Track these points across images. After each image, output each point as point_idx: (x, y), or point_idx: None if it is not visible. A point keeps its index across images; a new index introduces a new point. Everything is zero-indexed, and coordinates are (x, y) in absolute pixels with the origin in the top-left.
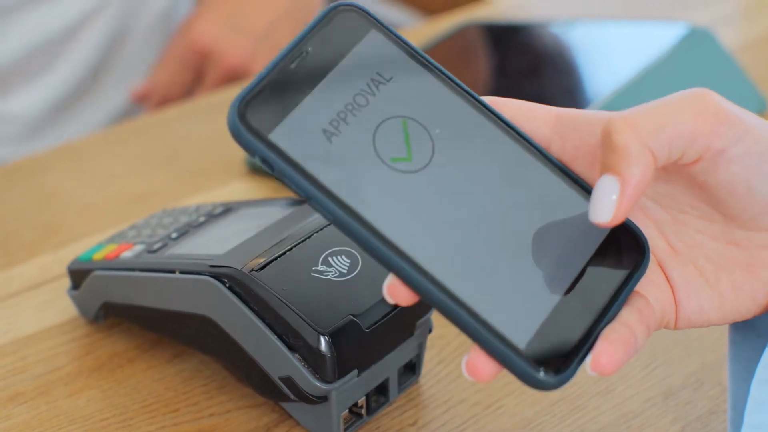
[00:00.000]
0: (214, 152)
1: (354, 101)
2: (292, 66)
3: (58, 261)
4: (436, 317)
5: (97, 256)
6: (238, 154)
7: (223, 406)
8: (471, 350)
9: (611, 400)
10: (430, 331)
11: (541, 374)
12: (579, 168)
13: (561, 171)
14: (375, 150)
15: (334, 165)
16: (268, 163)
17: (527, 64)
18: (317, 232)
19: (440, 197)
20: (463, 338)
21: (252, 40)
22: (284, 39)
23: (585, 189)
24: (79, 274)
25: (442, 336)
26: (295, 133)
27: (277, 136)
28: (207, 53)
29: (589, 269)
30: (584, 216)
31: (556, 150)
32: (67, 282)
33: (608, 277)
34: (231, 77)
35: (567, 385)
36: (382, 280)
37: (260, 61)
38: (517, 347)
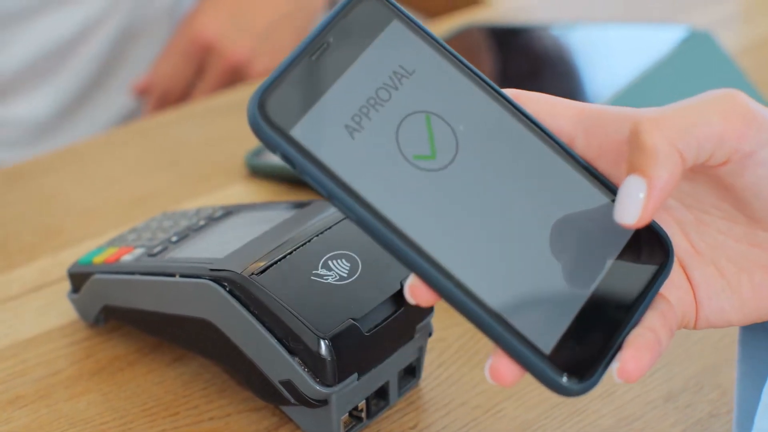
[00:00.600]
0: (214, 155)
1: (377, 95)
2: (313, 58)
3: (58, 264)
4: (435, 321)
5: (97, 259)
6: (239, 156)
7: (223, 410)
8: (493, 354)
9: (612, 403)
10: (430, 334)
11: (564, 380)
12: (603, 166)
13: (585, 170)
14: (398, 147)
15: (357, 163)
16: (290, 161)
17: (528, 67)
18: (317, 235)
19: (463, 196)
20: (464, 342)
21: (253, 38)
22: (285, 39)
23: (610, 189)
24: (79, 278)
25: (442, 339)
26: (317, 129)
27: (298, 133)
28: (209, 48)
29: (613, 271)
30: (609, 216)
31: (580, 147)
32: (67, 285)
33: (632, 279)
34: (231, 74)
35: None
36: (382, 284)
37: (260, 60)
38: (542, 351)
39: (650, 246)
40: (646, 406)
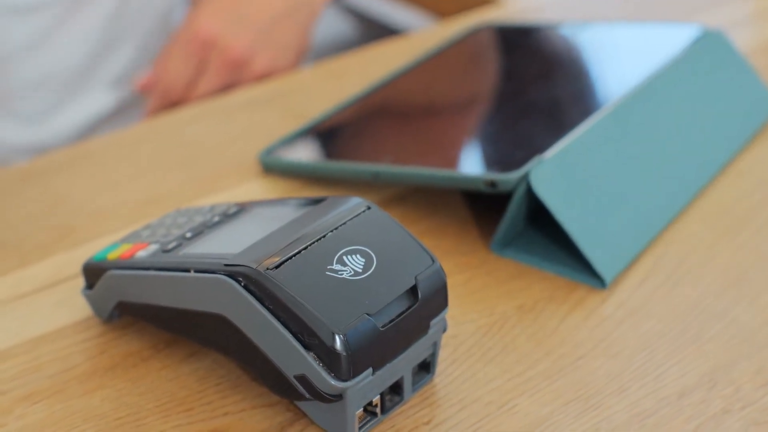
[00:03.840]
0: (227, 153)
1: None
2: None
3: (71, 261)
4: (449, 317)
5: (112, 255)
6: (252, 154)
7: (238, 405)
8: None
9: (625, 399)
10: (444, 330)
11: None
12: None
13: None
14: None
15: None
16: None
17: (539, 67)
18: (332, 231)
19: None
20: (477, 338)
21: (254, 33)
22: (286, 35)
23: None
24: (93, 274)
25: (455, 336)
26: None
27: None
28: (210, 44)
29: None
30: None
31: None
32: (80, 282)
33: None
34: (233, 69)
35: (581, 384)
36: (397, 279)
37: (262, 55)
38: None
39: None
40: (660, 402)
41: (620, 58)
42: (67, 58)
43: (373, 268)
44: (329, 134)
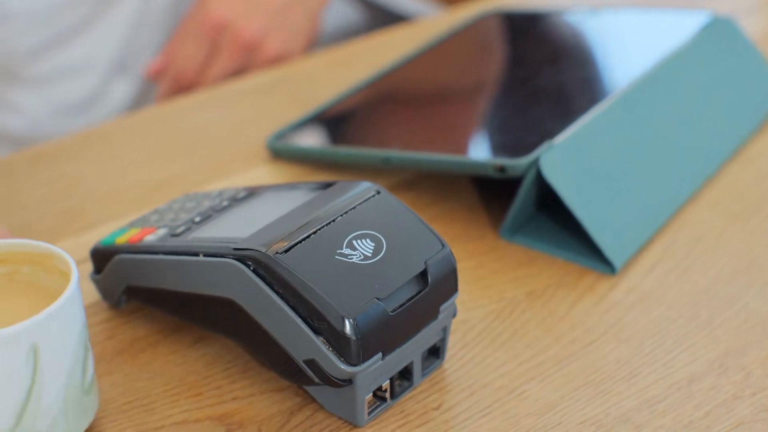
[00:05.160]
0: (235, 139)
1: None
2: None
3: (79, 246)
4: (459, 302)
5: (120, 240)
6: (260, 140)
7: (246, 390)
8: None
9: (635, 385)
10: (454, 315)
11: None
12: None
13: None
14: None
15: None
16: None
17: (549, 53)
18: (342, 215)
19: None
20: (487, 323)
21: (266, 17)
22: (297, 19)
23: None
24: (101, 258)
25: (465, 321)
26: None
27: None
28: (221, 28)
29: None
30: None
31: None
32: (88, 267)
33: None
34: (245, 53)
35: (591, 370)
36: (407, 264)
37: (273, 39)
38: None
39: None
40: (670, 387)
41: (629, 44)
42: (101, 48)
43: (382, 252)
44: (338, 120)
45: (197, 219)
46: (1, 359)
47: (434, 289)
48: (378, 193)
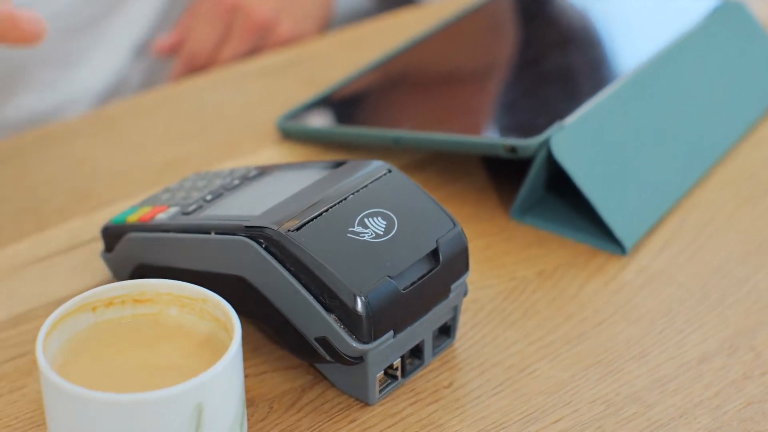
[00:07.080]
0: (245, 119)
1: None
2: None
3: (90, 225)
4: (469, 281)
5: (132, 218)
6: (270, 121)
7: (258, 368)
8: None
9: (646, 365)
10: (465, 293)
11: None
12: None
13: None
14: None
15: None
16: None
17: (559, 34)
18: (354, 193)
19: None
20: (497, 303)
21: None
22: (310, 1)
23: None
24: (112, 237)
25: (475, 300)
26: None
27: None
28: (234, 8)
29: None
30: None
31: None
32: (99, 246)
33: None
34: (258, 34)
35: (602, 349)
36: (419, 242)
37: (286, 20)
38: None
39: None
40: (680, 367)
41: (640, 26)
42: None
43: (394, 230)
44: (348, 101)
45: (208, 197)
46: (165, 418)
47: (445, 267)
48: (389, 171)
